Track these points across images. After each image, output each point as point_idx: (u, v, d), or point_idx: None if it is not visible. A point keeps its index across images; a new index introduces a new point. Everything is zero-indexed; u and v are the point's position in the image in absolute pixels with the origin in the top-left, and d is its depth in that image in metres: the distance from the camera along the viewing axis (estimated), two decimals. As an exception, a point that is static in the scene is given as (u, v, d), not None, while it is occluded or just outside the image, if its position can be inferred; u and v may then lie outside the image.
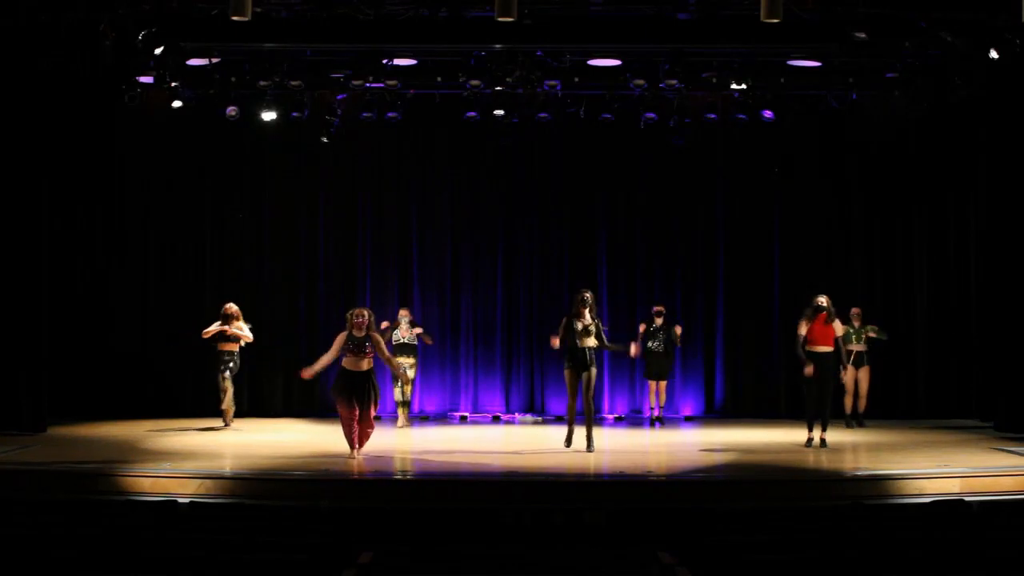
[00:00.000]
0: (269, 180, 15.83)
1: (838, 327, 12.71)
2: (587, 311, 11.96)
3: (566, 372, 12.08)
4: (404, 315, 14.59)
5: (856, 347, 14.28)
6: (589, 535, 9.38)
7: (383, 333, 13.20)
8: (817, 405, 12.51)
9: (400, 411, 14.48)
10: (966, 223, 15.51)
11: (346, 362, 11.55)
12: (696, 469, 11.33)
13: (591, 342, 11.93)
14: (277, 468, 11.04)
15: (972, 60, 12.81)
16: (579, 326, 11.93)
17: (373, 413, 11.77)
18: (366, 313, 11.68)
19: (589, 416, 12.07)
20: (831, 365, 12.59)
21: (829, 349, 12.55)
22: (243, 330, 13.96)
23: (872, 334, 14.44)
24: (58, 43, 12.52)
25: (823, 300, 12.58)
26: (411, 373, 14.47)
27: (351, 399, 11.48)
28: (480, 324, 15.97)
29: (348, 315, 11.73)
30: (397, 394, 14.54)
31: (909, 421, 14.92)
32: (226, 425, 13.95)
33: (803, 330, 12.52)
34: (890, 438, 13.38)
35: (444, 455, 12.19)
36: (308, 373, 11.69)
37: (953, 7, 11.80)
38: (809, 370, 12.37)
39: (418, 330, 14.53)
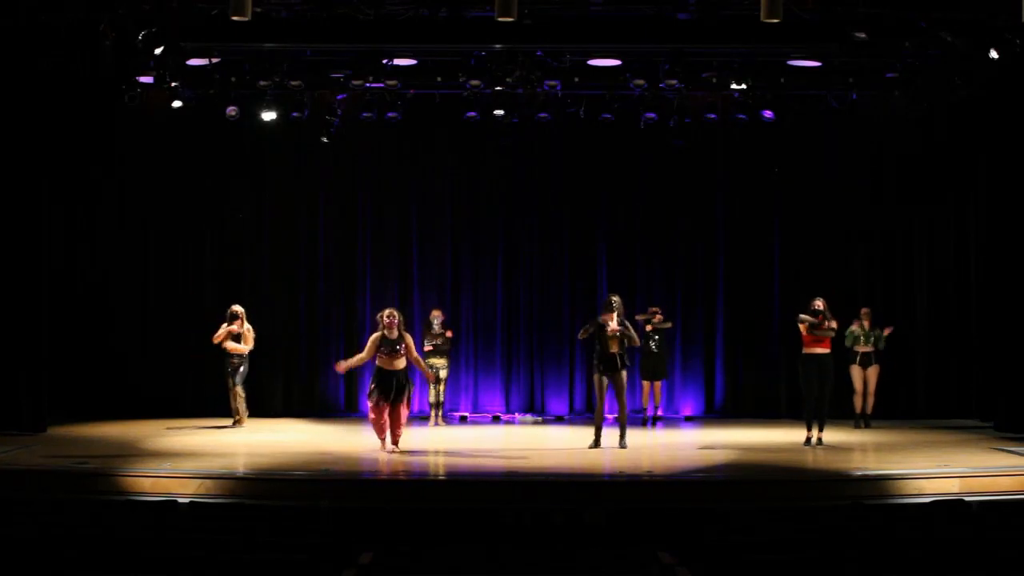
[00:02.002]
0: (269, 180, 15.83)
1: (833, 325, 12.75)
2: (615, 316, 12.12)
3: (595, 376, 12.41)
4: (436, 316, 14.66)
5: (864, 348, 14.26)
6: (589, 535, 9.38)
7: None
8: (817, 404, 12.58)
9: (432, 411, 14.70)
10: (966, 223, 15.51)
11: (380, 362, 11.75)
12: (696, 469, 11.33)
13: (619, 348, 12.22)
14: (277, 468, 11.04)
15: (972, 60, 12.81)
16: (608, 331, 12.11)
17: (406, 412, 11.86)
18: (396, 314, 11.88)
19: (623, 415, 12.50)
20: (830, 366, 12.67)
21: (827, 351, 12.62)
22: (248, 333, 13.98)
23: (885, 332, 14.39)
24: (58, 43, 12.52)
25: (820, 304, 12.66)
26: (443, 374, 14.59)
27: (385, 398, 11.70)
28: (480, 324, 15.96)
29: (378, 317, 11.90)
30: (431, 395, 14.71)
31: (909, 421, 14.92)
32: (236, 424, 13.98)
33: (804, 327, 12.70)
34: (890, 438, 13.38)
35: (444, 455, 12.19)
36: (341, 367, 11.88)
37: (953, 7, 11.80)
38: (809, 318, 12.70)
39: (448, 334, 14.79)
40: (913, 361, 15.59)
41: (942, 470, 10.74)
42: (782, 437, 13.25)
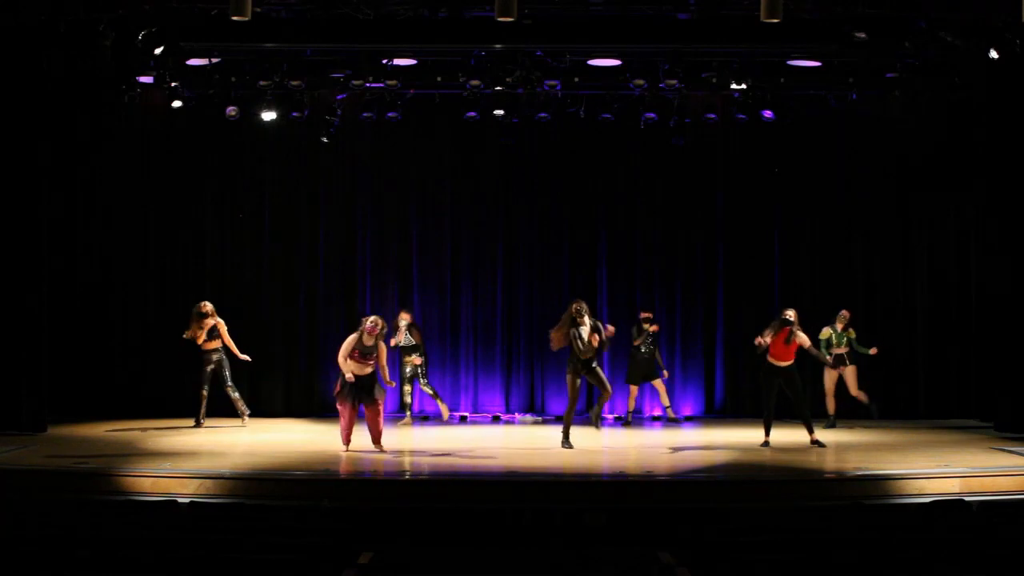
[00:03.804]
0: (269, 180, 15.82)
1: (804, 339, 12.63)
2: (587, 321, 12.20)
3: (569, 376, 12.37)
4: (405, 318, 14.63)
5: (838, 350, 14.18)
6: (589, 535, 9.38)
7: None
8: (798, 409, 12.66)
9: (408, 413, 14.72)
10: (966, 223, 15.51)
11: (352, 366, 11.75)
12: (696, 469, 11.34)
13: (593, 352, 12.26)
14: (277, 468, 11.04)
15: (972, 60, 12.81)
16: (584, 335, 12.16)
17: (381, 414, 12.00)
18: (380, 323, 11.91)
19: (605, 399, 12.78)
20: (796, 374, 12.65)
21: (790, 363, 12.56)
22: (223, 328, 14.03)
23: (852, 335, 14.28)
24: (58, 43, 12.54)
25: (791, 314, 12.56)
26: (409, 371, 14.60)
27: (354, 402, 11.82)
28: (480, 324, 15.95)
29: (364, 321, 11.92)
30: (427, 389, 14.75)
31: (909, 421, 14.92)
32: (243, 422, 14.07)
33: (766, 340, 12.53)
34: (890, 438, 13.38)
35: (444, 455, 12.19)
36: (350, 377, 11.82)
37: (953, 7, 11.80)
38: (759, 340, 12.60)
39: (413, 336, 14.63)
40: (913, 361, 15.59)
41: (942, 470, 10.74)
42: (782, 437, 13.23)
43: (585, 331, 12.19)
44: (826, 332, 14.14)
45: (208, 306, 13.95)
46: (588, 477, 10.92)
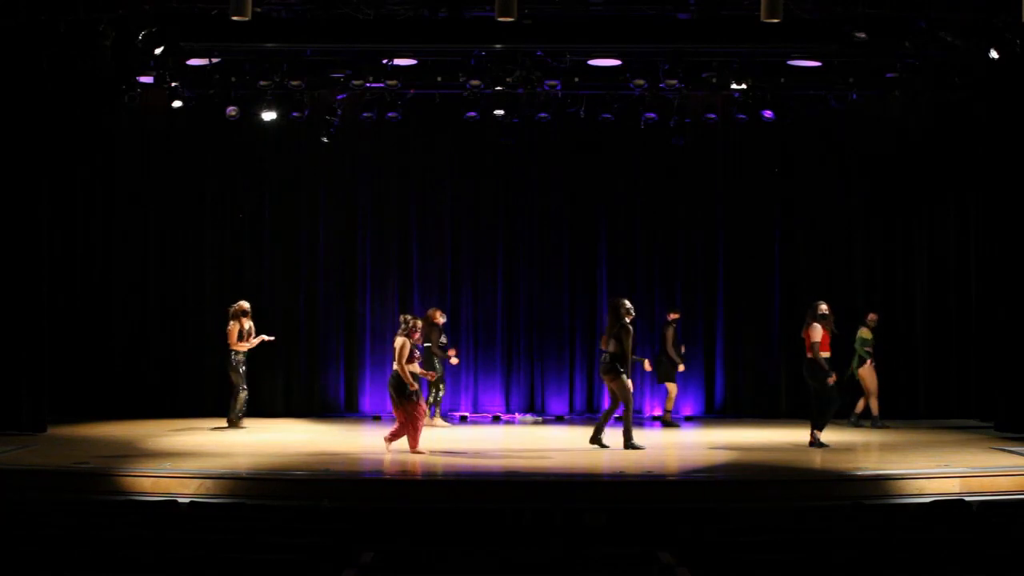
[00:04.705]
0: (269, 180, 15.82)
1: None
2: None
3: (624, 378, 12.22)
4: (443, 316, 14.61)
5: (870, 349, 14.22)
6: (589, 535, 9.37)
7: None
8: (816, 407, 12.56)
9: (437, 411, 14.68)
10: (966, 223, 15.52)
11: (412, 367, 11.91)
12: (697, 469, 11.34)
13: None
14: (277, 468, 11.04)
15: (972, 60, 12.82)
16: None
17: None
18: (412, 319, 12.17)
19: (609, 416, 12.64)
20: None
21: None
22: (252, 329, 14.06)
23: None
24: (58, 43, 12.53)
25: (827, 307, 12.51)
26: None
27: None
28: (480, 324, 15.96)
29: (412, 323, 11.99)
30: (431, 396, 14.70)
31: (909, 421, 14.92)
32: (232, 424, 13.98)
33: (819, 336, 12.30)
34: (890, 438, 13.38)
35: (444, 455, 12.18)
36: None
37: (953, 7, 11.81)
38: (834, 378, 12.31)
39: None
40: (913, 361, 15.60)
41: (942, 470, 10.75)
42: (782, 437, 13.25)
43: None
44: (866, 332, 14.15)
45: (247, 305, 13.96)
46: (588, 477, 10.92)
